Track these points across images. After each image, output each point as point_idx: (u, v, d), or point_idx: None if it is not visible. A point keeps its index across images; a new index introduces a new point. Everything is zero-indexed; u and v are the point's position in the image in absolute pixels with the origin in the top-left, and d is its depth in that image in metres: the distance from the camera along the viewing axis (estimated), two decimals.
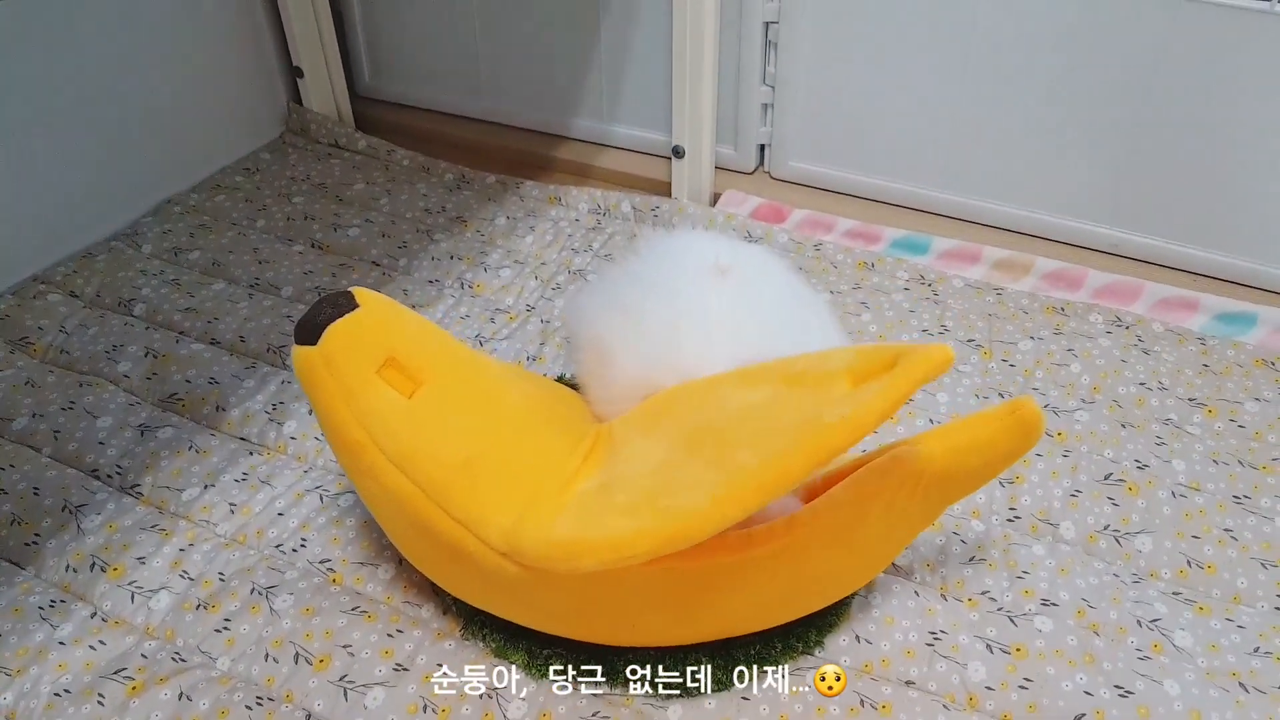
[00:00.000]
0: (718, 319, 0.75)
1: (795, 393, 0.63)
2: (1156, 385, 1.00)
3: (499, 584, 0.67)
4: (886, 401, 0.56)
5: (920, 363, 0.56)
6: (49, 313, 1.09)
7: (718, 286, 0.76)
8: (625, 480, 0.65)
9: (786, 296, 0.82)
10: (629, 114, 1.41)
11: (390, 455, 0.66)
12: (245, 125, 1.43)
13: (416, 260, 1.20)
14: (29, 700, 0.71)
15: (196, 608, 0.78)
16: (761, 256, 0.86)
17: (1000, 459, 0.68)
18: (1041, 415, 0.66)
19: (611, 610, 0.68)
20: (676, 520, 0.57)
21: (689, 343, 0.74)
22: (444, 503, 0.65)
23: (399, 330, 0.71)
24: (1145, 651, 0.75)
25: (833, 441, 0.55)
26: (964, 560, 0.82)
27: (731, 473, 0.58)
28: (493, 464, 0.67)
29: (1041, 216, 1.24)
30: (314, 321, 0.68)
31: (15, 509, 0.86)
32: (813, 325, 0.83)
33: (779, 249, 1.21)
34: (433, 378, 0.70)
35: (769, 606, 0.70)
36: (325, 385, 0.68)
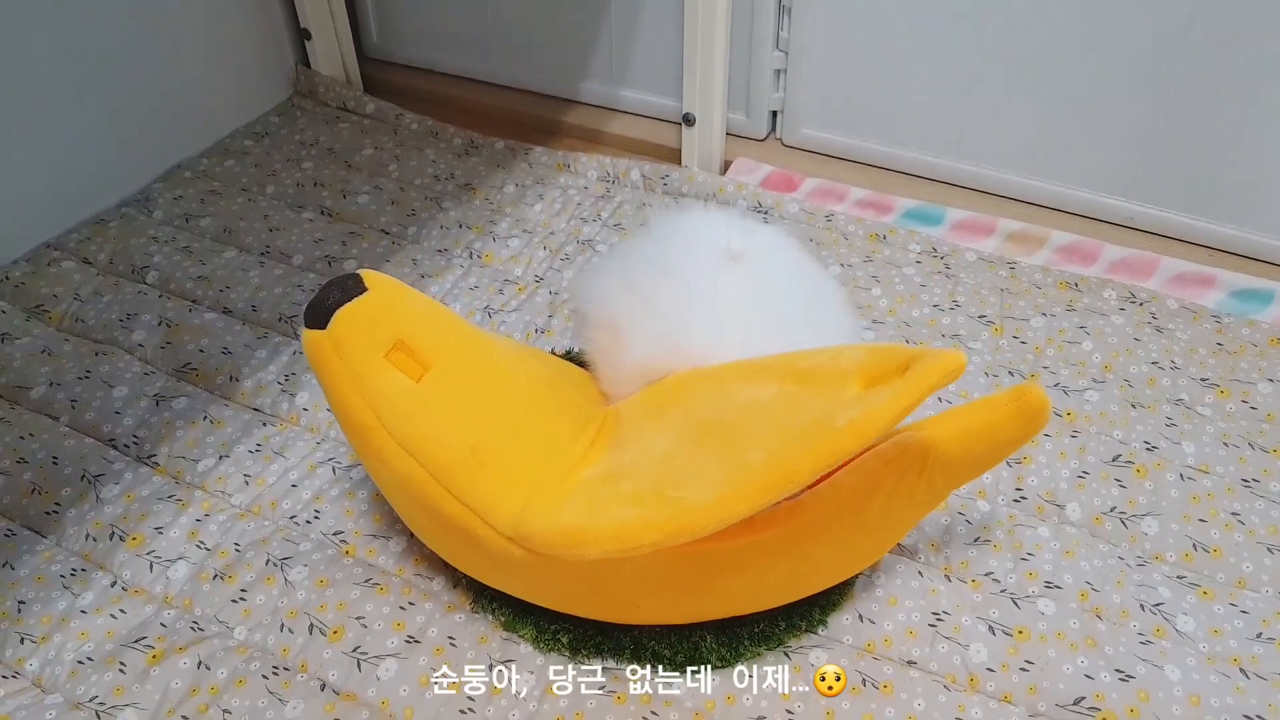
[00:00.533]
0: (729, 307, 0.75)
1: (805, 391, 0.63)
2: (1169, 364, 0.99)
3: (506, 566, 0.68)
4: (896, 408, 0.56)
5: (932, 370, 0.56)
6: (63, 280, 1.10)
7: (730, 272, 0.76)
8: (632, 468, 0.65)
9: (799, 282, 0.82)
10: (639, 79, 1.39)
11: (399, 439, 0.67)
12: (253, 88, 1.42)
13: (425, 229, 1.19)
14: (54, 667, 0.73)
15: (214, 578, 0.79)
16: (774, 239, 0.86)
17: (1006, 444, 0.68)
18: (1048, 401, 0.66)
19: (616, 592, 0.69)
20: (682, 514, 0.58)
21: (700, 331, 0.74)
22: (452, 487, 0.66)
23: (407, 313, 0.71)
24: (1147, 635, 0.76)
25: (841, 445, 0.56)
26: (968, 541, 0.83)
27: (738, 470, 0.58)
28: (500, 449, 0.68)
29: (1057, 188, 1.23)
30: (323, 305, 0.69)
31: (35, 478, 0.87)
32: (825, 312, 0.83)
33: (790, 219, 1.21)
34: (441, 361, 0.70)
35: (773, 588, 0.71)
36: (334, 369, 0.68)
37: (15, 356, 1.00)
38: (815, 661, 0.74)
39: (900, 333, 1.03)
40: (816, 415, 0.59)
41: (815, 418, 0.59)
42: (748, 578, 0.67)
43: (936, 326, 1.05)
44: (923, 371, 0.57)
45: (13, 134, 1.12)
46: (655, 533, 0.58)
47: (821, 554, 0.69)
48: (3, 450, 0.90)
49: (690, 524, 0.57)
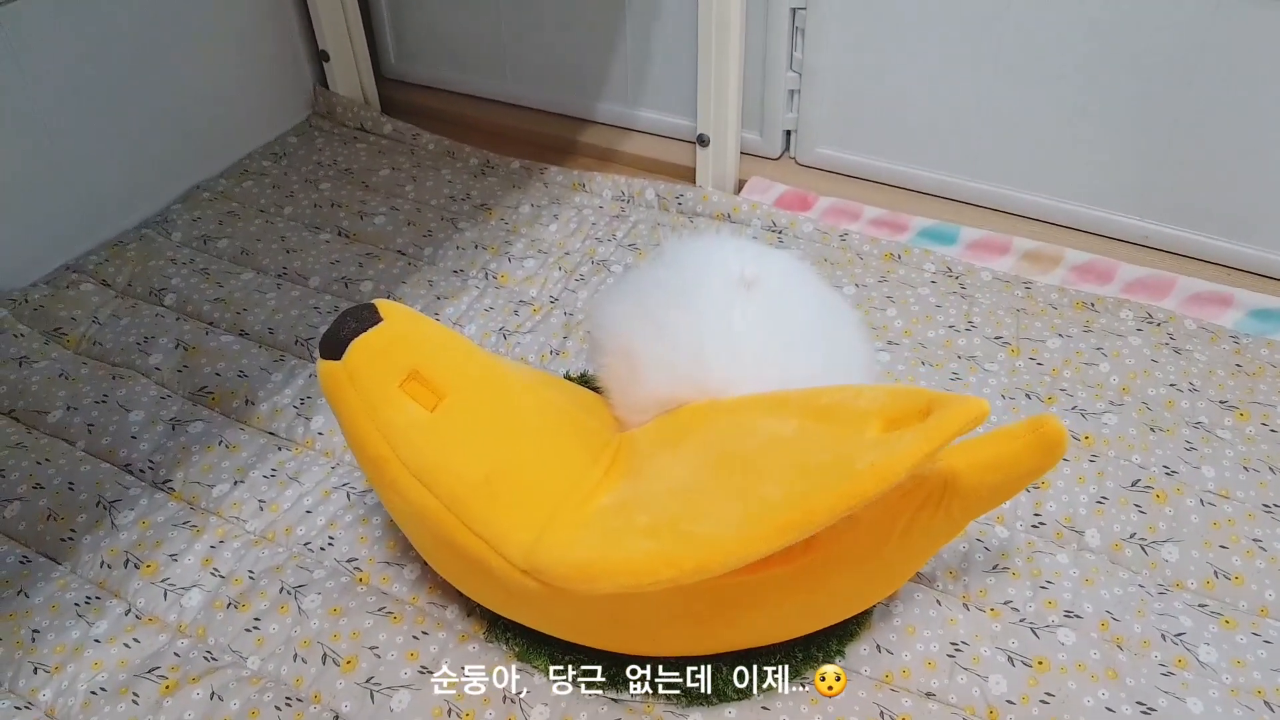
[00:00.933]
0: (743, 337, 0.74)
1: (825, 429, 0.63)
2: (1187, 386, 0.98)
3: (521, 597, 0.68)
4: (918, 453, 0.56)
5: (955, 417, 0.56)
6: (82, 302, 1.11)
7: (744, 300, 0.76)
8: (647, 499, 0.65)
9: (813, 308, 0.82)
10: (654, 98, 1.39)
11: (413, 469, 0.67)
12: (272, 109, 1.43)
13: (441, 249, 1.20)
14: (67, 698, 0.73)
15: (227, 606, 0.79)
16: (788, 265, 0.85)
17: (1024, 476, 0.67)
18: (1065, 432, 0.65)
19: (631, 625, 0.69)
20: (699, 551, 0.57)
21: (715, 362, 0.74)
22: (466, 518, 0.66)
23: (421, 343, 0.71)
24: (1169, 667, 0.75)
25: (861, 489, 0.55)
26: (987, 568, 0.82)
27: (757, 508, 0.58)
28: (514, 479, 0.68)
29: (1072, 207, 1.22)
30: (338, 336, 0.69)
31: (51, 504, 0.88)
32: (840, 338, 0.82)
33: (804, 239, 1.20)
34: (455, 390, 0.70)
35: (789, 621, 0.70)
36: (349, 399, 0.68)
37: (33, 380, 1.00)
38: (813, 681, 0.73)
39: (916, 354, 1.03)
40: (837, 455, 0.58)
41: (836, 457, 0.58)
42: (765, 611, 0.67)
43: (952, 348, 1.04)
44: (945, 418, 0.56)
45: (34, 156, 1.13)
46: (672, 570, 0.58)
47: (839, 586, 0.68)
48: (20, 476, 0.90)
49: (707, 562, 0.57)
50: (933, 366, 1.01)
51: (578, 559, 0.62)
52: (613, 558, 0.60)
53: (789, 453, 0.62)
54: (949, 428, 0.56)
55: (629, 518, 0.64)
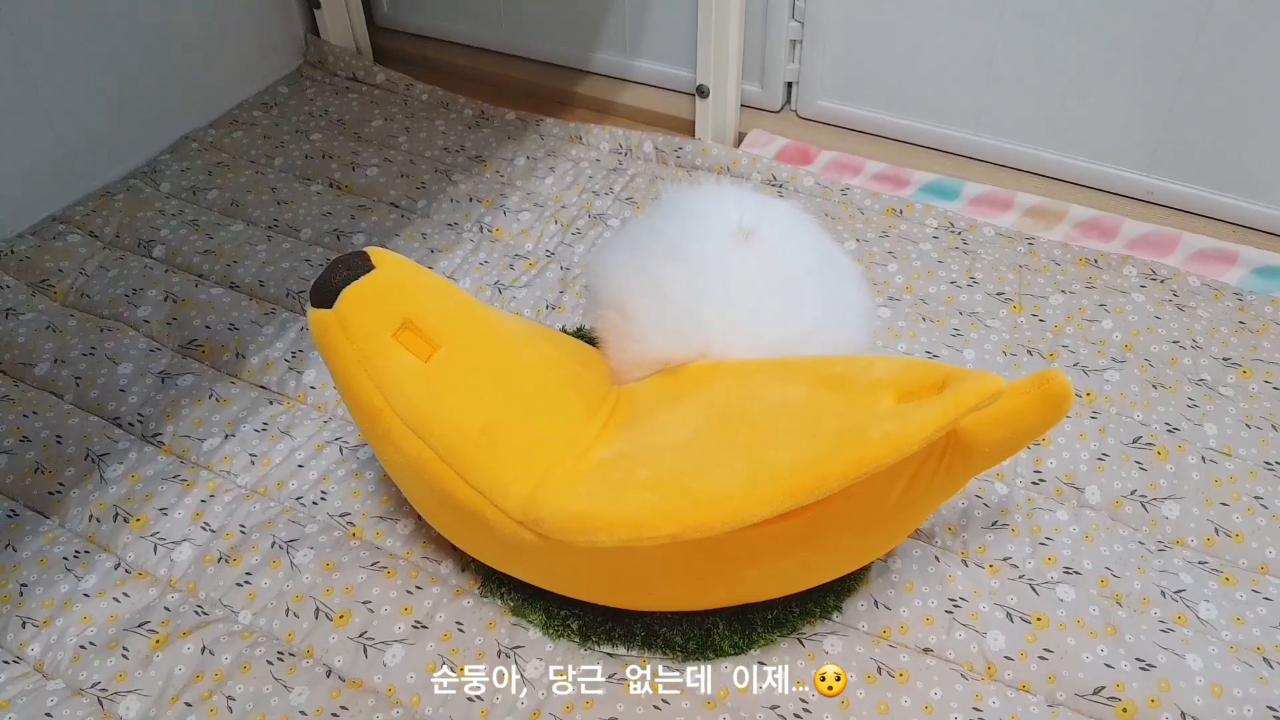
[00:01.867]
0: (740, 293, 0.73)
1: (836, 397, 0.62)
2: (1190, 344, 0.97)
3: (516, 551, 0.67)
4: (932, 426, 0.55)
5: (971, 392, 0.55)
6: (69, 254, 1.09)
7: (742, 253, 0.74)
8: (649, 452, 0.64)
9: (813, 260, 0.80)
10: (652, 49, 1.36)
11: (408, 421, 0.66)
12: (262, 59, 1.40)
13: (435, 202, 1.17)
14: (55, 652, 0.73)
15: (218, 560, 0.79)
16: (787, 215, 0.84)
17: (1026, 432, 0.66)
18: (1070, 388, 0.64)
19: (628, 579, 0.68)
20: (702, 507, 0.56)
21: (711, 321, 0.72)
22: (462, 470, 0.65)
23: (415, 292, 0.69)
24: (1168, 623, 0.74)
25: (874, 456, 0.55)
26: (986, 525, 0.81)
27: (765, 468, 0.57)
28: (511, 430, 0.66)
29: (1077, 162, 1.20)
30: (329, 284, 0.67)
31: (39, 457, 0.86)
32: (840, 292, 0.81)
33: (805, 193, 1.18)
34: (450, 340, 0.69)
35: (789, 576, 0.69)
36: (342, 349, 0.67)
37: (20, 333, 0.98)
38: (830, 649, 0.73)
39: (917, 310, 1.01)
40: (850, 423, 0.58)
41: (848, 425, 0.57)
42: (764, 566, 0.66)
43: (954, 304, 1.02)
44: (962, 393, 0.56)
45: (20, 106, 1.10)
46: (673, 525, 0.57)
47: (839, 543, 0.67)
48: (6, 429, 0.89)
49: (711, 519, 0.56)
50: (933, 323, 1.00)
51: (576, 510, 0.61)
52: (613, 510, 0.59)
53: (799, 418, 0.61)
54: (965, 402, 0.55)
55: (629, 470, 0.63)
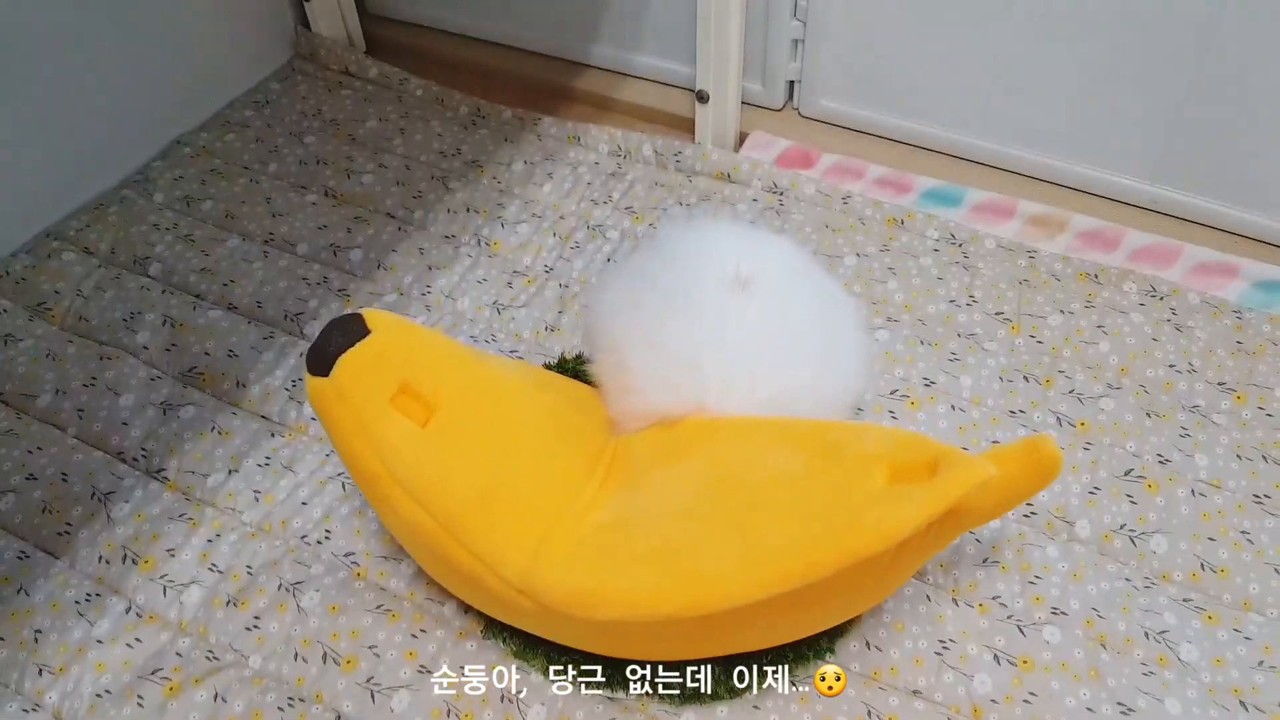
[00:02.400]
0: (737, 347, 0.73)
1: (831, 472, 0.63)
2: (1186, 367, 0.98)
3: (518, 612, 0.69)
4: (923, 516, 0.57)
5: (960, 482, 0.57)
6: (65, 273, 1.09)
7: (739, 303, 0.75)
8: (645, 520, 0.65)
9: (811, 310, 0.80)
10: (652, 43, 1.34)
11: (406, 487, 0.67)
12: (253, 53, 1.37)
13: (432, 212, 1.17)
14: (72, 701, 0.75)
15: (227, 604, 0.80)
16: (784, 258, 0.84)
17: (1016, 498, 0.67)
18: (1059, 457, 0.65)
19: (627, 641, 0.69)
20: (696, 589, 0.58)
21: (710, 375, 0.73)
22: (461, 537, 0.66)
23: (411, 354, 0.70)
24: (1150, 666, 0.76)
25: (866, 545, 0.56)
26: (977, 561, 0.83)
27: (758, 551, 0.58)
28: (508, 495, 0.67)
29: (1081, 169, 1.19)
30: (325, 351, 0.68)
31: (45, 496, 0.88)
32: (836, 339, 0.81)
33: (806, 202, 1.18)
34: (447, 402, 0.70)
35: (780, 634, 0.71)
36: (339, 418, 0.68)
37: (20, 361, 0.99)
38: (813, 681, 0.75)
39: (915, 332, 1.02)
40: (842, 506, 0.59)
41: (841, 508, 0.59)
42: (756, 630, 0.68)
43: (953, 324, 1.03)
44: (952, 480, 0.57)
45: (7, 117, 1.08)
46: (668, 605, 0.59)
47: (830, 605, 0.69)
48: (12, 465, 0.90)
49: (704, 600, 0.58)
50: (931, 346, 1.00)
51: (575, 586, 0.62)
52: (610, 587, 0.61)
53: (793, 494, 0.63)
54: (955, 490, 0.57)
55: (627, 538, 0.64)
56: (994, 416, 0.94)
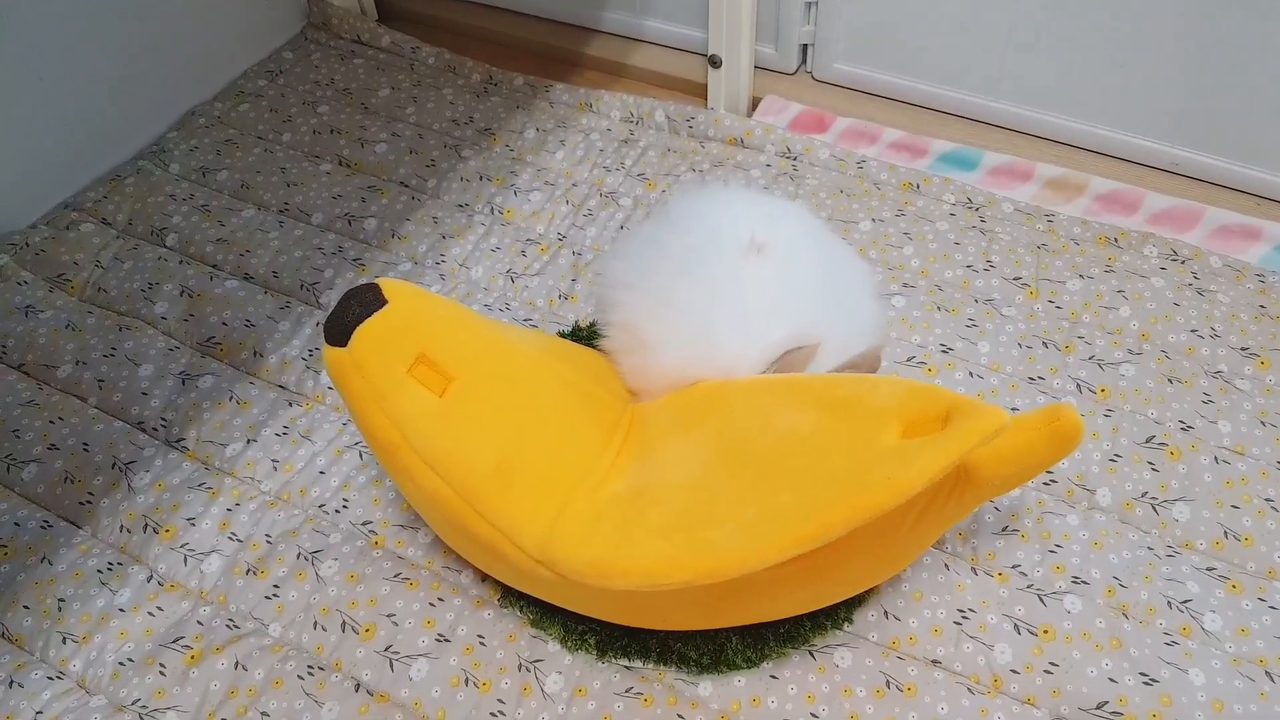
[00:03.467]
0: (755, 310, 0.73)
1: (842, 428, 0.62)
2: (1208, 332, 0.97)
3: (535, 581, 0.69)
4: (935, 468, 0.55)
5: (973, 431, 0.56)
6: (83, 245, 1.09)
7: (754, 270, 0.74)
8: (660, 490, 0.65)
9: (824, 273, 0.80)
10: (664, 8, 1.32)
11: (425, 457, 0.67)
12: (266, 22, 1.36)
13: (445, 181, 1.16)
14: (96, 669, 0.76)
15: (246, 572, 0.81)
16: (797, 222, 0.83)
17: (1036, 467, 0.67)
18: (1080, 426, 0.64)
19: (644, 609, 0.70)
20: (711, 558, 0.58)
21: (726, 340, 0.72)
22: (478, 507, 0.66)
23: (428, 325, 0.70)
24: (1173, 635, 0.76)
25: (877, 502, 0.55)
26: (997, 530, 0.83)
27: (772, 516, 0.58)
28: (526, 466, 0.67)
29: (1099, 131, 1.17)
30: (342, 321, 0.67)
31: (67, 465, 0.88)
32: (851, 300, 0.81)
33: (820, 166, 1.16)
34: (464, 372, 0.69)
35: (801, 603, 0.71)
36: (357, 388, 0.67)
37: (40, 332, 0.99)
38: (840, 662, 0.75)
39: (932, 298, 1.01)
40: (853, 463, 0.59)
41: (852, 466, 0.58)
42: (775, 598, 0.68)
43: (970, 290, 1.02)
44: (964, 431, 0.56)
45: (23, 92, 1.08)
46: (684, 574, 0.59)
47: (849, 572, 0.69)
48: (34, 436, 0.91)
49: (719, 568, 0.58)
50: (949, 312, 0.99)
51: (591, 556, 0.62)
52: (626, 557, 0.61)
53: (805, 454, 0.62)
54: (967, 441, 0.56)
55: (642, 510, 0.64)
56: (1013, 383, 0.93)
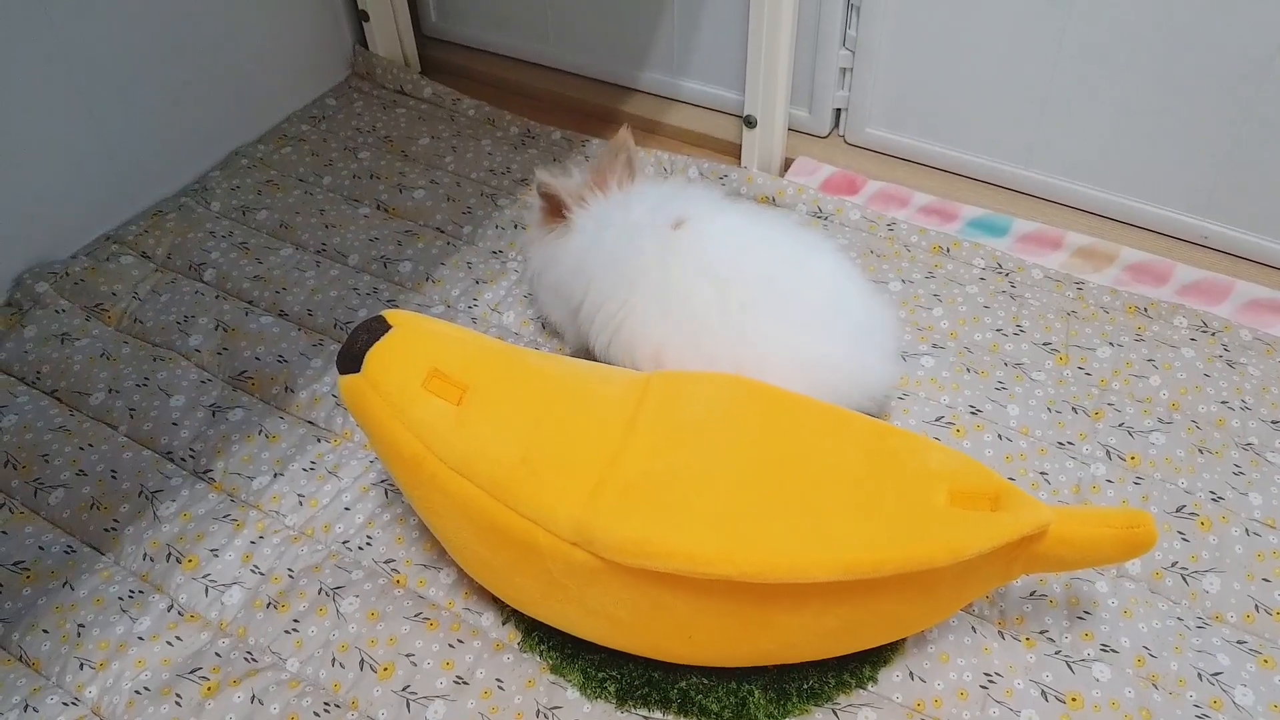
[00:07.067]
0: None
1: (892, 479, 0.65)
2: (1239, 404, 0.96)
3: (564, 580, 0.68)
4: (985, 545, 0.61)
5: (1025, 523, 0.61)
6: (122, 276, 1.11)
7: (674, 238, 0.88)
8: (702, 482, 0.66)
9: (748, 224, 0.91)
10: (700, 69, 1.35)
11: (450, 463, 0.68)
12: (311, 70, 1.40)
13: (480, 228, 1.18)
14: (112, 696, 0.75)
15: (267, 606, 0.81)
16: (712, 201, 0.94)
17: (1096, 560, 0.68)
18: (1155, 538, 0.66)
19: (672, 613, 0.68)
20: (760, 555, 0.61)
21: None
22: (509, 501, 0.66)
23: (436, 342, 0.72)
24: (1204, 708, 0.74)
25: (931, 557, 0.60)
26: (1024, 594, 0.81)
27: (825, 535, 0.61)
28: (551, 454, 0.68)
29: (1130, 202, 1.18)
30: (353, 350, 0.71)
31: (94, 491, 0.89)
32: (785, 233, 0.92)
33: (850, 226, 1.18)
34: (476, 380, 0.71)
35: (827, 635, 0.70)
36: (376, 408, 0.69)
37: (75, 360, 1.01)
38: None
39: (962, 359, 1.01)
40: (910, 512, 0.62)
41: (909, 515, 0.62)
42: (805, 616, 0.67)
43: (999, 353, 1.02)
44: (1017, 519, 0.61)
45: (74, 123, 1.12)
46: (730, 567, 0.61)
47: (884, 608, 0.67)
48: (63, 461, 0.91)
49: (767, 570, 0.61)
50: (978, 374, 0.99)
51: (633, 533, 0.63)
52: (672, 540, 0.62)
53: (857, 491, 0.65)
54: (1019, 529, 0.61)
55: (684, 495, 0.65)
56: (1041, 447, 0.93)
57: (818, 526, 0.63)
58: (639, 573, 0.65)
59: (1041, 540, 0.65)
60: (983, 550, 0.62)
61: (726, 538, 0.63)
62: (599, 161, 0.97)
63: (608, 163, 0.96)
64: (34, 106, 1.07)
